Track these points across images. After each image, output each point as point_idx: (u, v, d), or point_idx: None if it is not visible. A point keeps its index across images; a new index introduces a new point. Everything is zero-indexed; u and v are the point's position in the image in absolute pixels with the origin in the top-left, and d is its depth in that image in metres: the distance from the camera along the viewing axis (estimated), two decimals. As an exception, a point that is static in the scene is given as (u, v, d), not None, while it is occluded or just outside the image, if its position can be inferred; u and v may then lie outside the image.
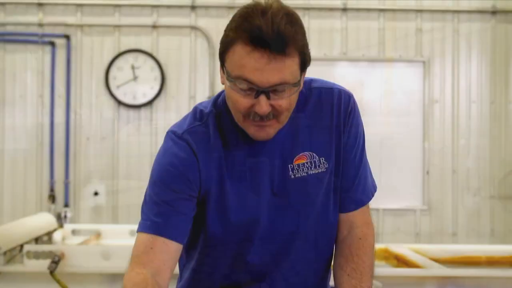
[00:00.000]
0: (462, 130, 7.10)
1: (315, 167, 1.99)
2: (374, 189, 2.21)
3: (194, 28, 6.96)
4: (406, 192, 7.05)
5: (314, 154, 2.00)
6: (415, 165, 7.07)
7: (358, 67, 7.09)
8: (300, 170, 1.98)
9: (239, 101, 1.83)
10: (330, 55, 7.05)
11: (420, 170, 7.07)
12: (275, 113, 1.85)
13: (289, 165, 1.98)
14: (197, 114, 2.01)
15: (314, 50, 6.90)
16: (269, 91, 1.79)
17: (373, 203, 2.19)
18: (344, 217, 2.12)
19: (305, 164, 1.98)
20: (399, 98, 7.08)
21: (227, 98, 1.90)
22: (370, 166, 2.19)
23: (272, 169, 1.98)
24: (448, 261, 4.89)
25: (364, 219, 2.14)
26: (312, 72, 2.31)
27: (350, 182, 2.11)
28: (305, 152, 1.99)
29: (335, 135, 2.03)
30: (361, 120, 2.11)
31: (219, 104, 2.02)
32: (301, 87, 1.92)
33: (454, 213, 7.07)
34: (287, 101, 1.84)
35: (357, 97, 2.10)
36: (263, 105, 1.80)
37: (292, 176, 1.98)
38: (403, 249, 4.94)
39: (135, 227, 1.99)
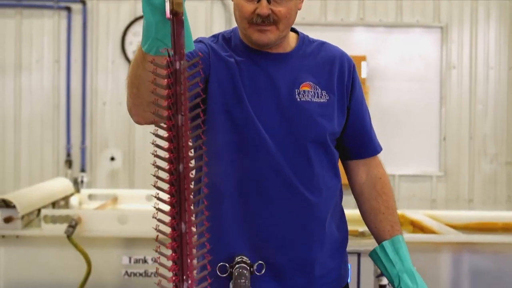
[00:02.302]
0: (480, 96, 7.05)
1: (317, 96, 2.12)
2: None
3: (210, -7, 6.94)
4: (422, 158, 7.03)
5: (317, 86, 2.13)
6: (432, 131, 7.05)
7: (375, 33, 7.04)
8: (306, 95, 2.11)
9: (244, 6, 2.05)
10: (347, 21, 7.01)
11: (437, 136, 7.05)
12: (274, 19, 2.05)
13: (296, 90, 2.11)
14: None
15: (331, 16, 6.90)
16: None
17: (389, 169, 2.28)
18: (360, 162, 2.28)
19: (310, 91, 2.12)
20: (416, 64, 7.04)
21: (235, 10, 2.10)
22: (387, 132, 2.28)
23: (279, 90, 2.10)
24: (464, 227, 4.88)
25: (376, 162, 2.30)
26: (329, 38, 2.38)
27: (366, 129, 2.27)
28: (310, 82, 2.13)
29: (337, 79, 2.18)
30: None
31: (228, 31, 2.22)
32: (298, 1, 2.12)
33: (470, 179, 7.05)
34: (285, 9, 2.05)
35: (374, 63, 2.19)
36: (264, 6, 2.02)
37: (298, 99, 2.09)
38: (419, 215, 4.94)
39: (152, 191, 1.99)
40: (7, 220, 4.21)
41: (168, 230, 1.09)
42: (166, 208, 1.09)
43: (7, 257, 4.24)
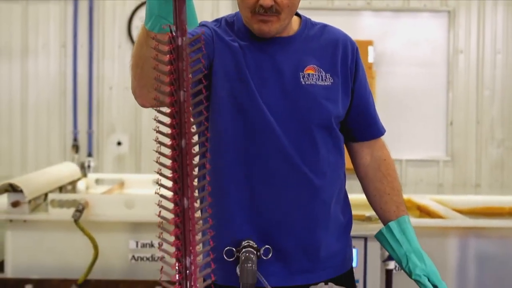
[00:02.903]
0: (487, 80, 7.03)
1: (322, 79, 2.12)
2: None
3: (216, -23, 6.92)
4: (429, 143, 7.02)
5: (321, 69, 2.13)
6: (439, 116, 7.03)
7: (382, 17, 7.02)
8: (310, 79, 2.10)
9: None
10: (354, 5, 6.98)
11: (444, 120, 7.03)
12: (277, 8, 2.03)
13: (300, 73, 2.10)
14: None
15: (338, 0, 6.86)
16: None
17: (395, 154, 2.27)
18: (365, 144, 2.28)
19: (314, 75, 2.11)
20: (424, 48, 7.02)
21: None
22: (394, 116, 2.28)
23: (284, 74, 2.09)
24: (471, 212, 4.88)
25: (380, 144, 2.30)
26: (336, 23, 2.37)
27: (370, 112, 2.27)
28: (314, 65, 2.12)
29: (341, 62, 2.17)
30: None
31: (231, 15, 2.21)
32: None
33: (477, 164, 7.04)
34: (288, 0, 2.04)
35: (381, 47, 2.18)
36: None
37: (303, 83, 2.09)
38: (426, 200, 4.94)
39: (158, 176, 1.99)
40: (15, 204, 4.22)
41: (171, 214, 1.09)
42: (169, 184, 1.10)
43: (15, 241, 4.26)
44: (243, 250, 1.94)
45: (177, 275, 1.07)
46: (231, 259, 2.00)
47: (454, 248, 4.18)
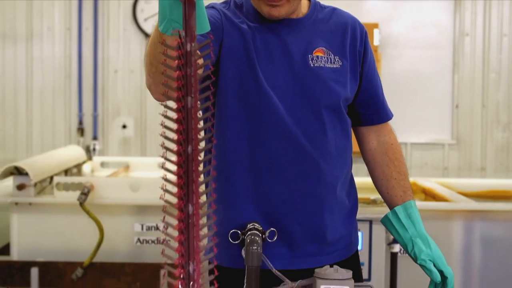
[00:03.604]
0: (493, 63, 7.00)
1: (330, 62, 2.11)
2: None
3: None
4: (434, 126, 7.01)
5: (330, 52, 2.12)
6: (444, 99, 7.01)
7: (387, 0, 6.98)
8: (319, 61, 2.10)
9: None
10: (360, -13, 6.96)
11: (449, 104, 7.01)
12: None
13: (309, 55, 2.09)
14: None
15: (343, -18, 6.82)
16: None
17: (400, 137, 2.27)
18: (372, 129, 2.28)
19: (323, 57, 2.10)
20: (429, 31, 6.99)
21: None
22: (399, 99, 2.28)
23: (293, 56, 2.09)
24: (476, 195, 4.88)
25: (388, 128, 2.30)
26: (342, 5, 2.37)
27: (378, 96, 2.26)
28: (323, 48, 2.11)
29: (349, 45, 2.16)
30: None
31: None
32: None
33: (483, 147, 7.03)
34: None
35: (386, 30, 2.18)
36: None
37: (312, 65, 2.08)
38: (431, 183, 4.94)
39: (163, 160, 1.99)
40: (20, 187, 4.23)
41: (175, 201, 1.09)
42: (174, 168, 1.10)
43: (20, 224, 4.28)
44: (248, 232, 1.94)
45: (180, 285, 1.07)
46: (236, 242, 2.00)
47: (459, 231, 4.19)
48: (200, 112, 1.10)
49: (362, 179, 2.73)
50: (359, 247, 2.34)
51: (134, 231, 4.30)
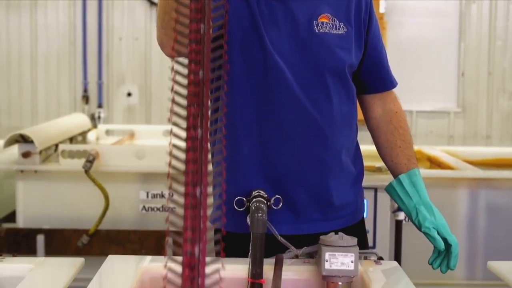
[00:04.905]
0: (499, 31, 6.96)
1: (335, 28, 2.09)
2: None
3: None
4: (440, 94, 6.99)
5: (335, 18, 2.10)
6: (450, 67, 6.99)
7: (394, -33, 6.94)
8: (324, 27, 2.08)
9: None
10: (366, -46, 6.90)
11: (455, 71, 6.99)
12: None
13: (314, 21, 2.08)
14: None
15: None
16: None
17: (406, 105, 2.27)
18: (377, 97, 2.27)
19: (328, 23, 2.09)
20: (435, -2, 6.95)
21: None
22: (405, 68, 2.27)
23: (298, 22, 2.07)
24: (481, 163, 4.88)
25: (392, 96, 2.29)
26: None
27: (383, 63, 2.25)
28: (328, 14, 2.10)
29: (354, 12, 2.15)
30: None
31: None
32: None
33: (488, 115, 7.01)
34: None
35: None
36: None
37: (317, 31, 2.07)
38: (436, 151, 4.94)
39: (168, 127, 1.98)
40: (25, 155, 4.24)
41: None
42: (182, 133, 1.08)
43: (26, 191, 4.29)
44: (254, 200, 1.94)
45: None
46: (241, 209, 2.00)
47: (464, 199, 4.19)
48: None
49: (367, 147, 2.72)
50: (364, 215, 2.33)
51: (140, 199, 4.31)
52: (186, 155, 1.04)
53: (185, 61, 1.09)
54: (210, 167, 1.09)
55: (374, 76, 2.24)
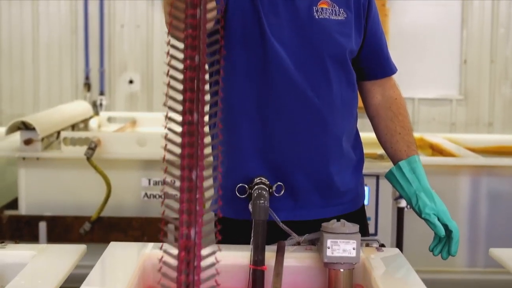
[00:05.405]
0: (502, 18, 6.95)
1: (335, 14, 2.10)
2: None
3: None
4: (442, 82, 6.98)
5: (335, 4, 2.10)
6: (453, 54, 6.97)
7: (396, -47, 6.92)
8: (323, 13, 2.08)
9: None
10: None
11: (458, 59, 6.97)
12: None
13: (314, 7, 2.08)
14: None
15: None
16: None
17: (408, 92, 2.26)
18: (376, 83, 2.27)
19: (328, 9, 2.09)
20: (438, -15, 6.93)
21: None
22: (407, 54, 2.26)
23: (298, 7, 2.07)
24: (483, 150, 4.88)
25: (391, 83, 2.29)
26: None
27: (382, 50, 2.25)
28: (328, 0, 2.10)
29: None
30: None
31: None
32: None
33: (490, 103, 7.00)
34: None
35: None
36: None
37: (317, 17, 2.07)
38: (438, 138, 4.94)
39: (170, 115, 1.98)
40: (27, 142, 4.24)
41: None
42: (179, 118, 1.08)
43: (28, 179, 4.29)
44: (255, 187, 1.94)
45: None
46: (243, 196, 2.01)
47: (466, 186, 4.19)
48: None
49: (368, 134, 2.72)
50: (366, 202, 2.34)
51: (142, 186, 4.31)
52: (182, 140, 1.04)
53: (181, 46, 1.09)
54: (208, 150, 1.09)
55: (373, 62, 2.24)
